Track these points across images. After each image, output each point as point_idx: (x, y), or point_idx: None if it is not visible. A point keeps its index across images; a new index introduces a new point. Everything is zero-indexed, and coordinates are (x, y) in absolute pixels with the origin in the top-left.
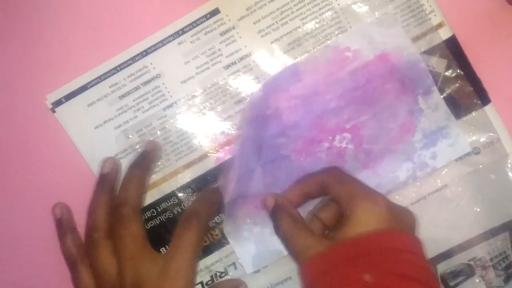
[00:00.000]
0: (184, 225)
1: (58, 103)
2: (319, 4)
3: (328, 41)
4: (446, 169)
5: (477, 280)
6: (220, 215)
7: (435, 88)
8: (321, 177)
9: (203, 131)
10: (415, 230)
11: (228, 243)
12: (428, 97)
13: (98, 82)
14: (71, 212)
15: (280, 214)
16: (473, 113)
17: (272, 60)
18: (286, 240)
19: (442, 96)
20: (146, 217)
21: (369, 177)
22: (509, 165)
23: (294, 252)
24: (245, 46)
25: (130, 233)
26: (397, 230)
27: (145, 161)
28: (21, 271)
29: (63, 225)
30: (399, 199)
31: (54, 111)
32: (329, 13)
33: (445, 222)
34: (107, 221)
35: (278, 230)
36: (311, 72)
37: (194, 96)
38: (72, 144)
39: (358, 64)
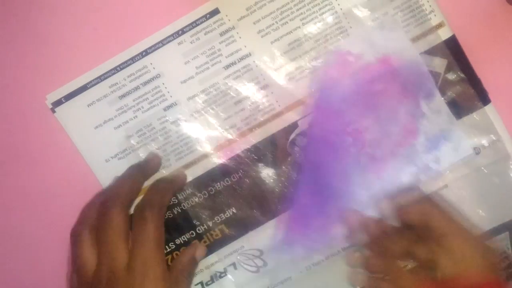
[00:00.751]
0: (138, 219)
1: (58, 103)
2: (319, 4)
3: (330, 46)
4: (447, 170)
5: None
6: (222, 215)
7: (437, 92)
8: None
9: (203, 131)
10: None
11: (228, 243)
12: (430, 101)
13: (98, 82)
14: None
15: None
16: (473, 114)
17: (272, 60)
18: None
19: (442, 97)
20: None
21: (373, 181)
22: (510, 166)
23: None
24: (245, 46)
25: (112, 224)
26: (493, 279)
27: (144, 166)
28: (21, 272)
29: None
30: None
31: (54, 111)
32: (329, 13)
33: None
34: (94, 218)
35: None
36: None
37: (194, 96)
38: (72, 144)
39: (360, 68)
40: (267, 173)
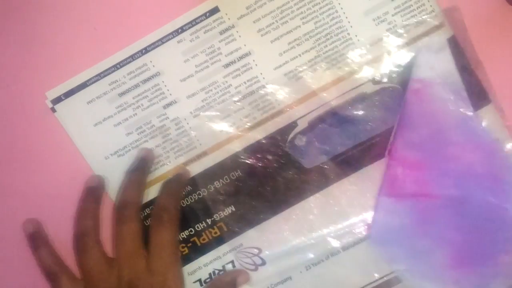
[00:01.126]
0: (156, 224)
1: (57, 100)
2: (319, 3)
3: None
4: None
5: None
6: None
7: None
8: None
9: (202, 129)
10: None
11: (226, 240)
12: (465, 125)
13: (97, 80)
14: (43, 227)
15: None
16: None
17: (272, 59)
18: None
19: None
20: (146, 214)
21: None
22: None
23: None
24: (245, 45)
25: (131, 231)
26: None
27: (142, 165)
28: (22, 272)
29: (37, 239)
30: None
31: (53, 109)
32: (330, 12)
33: None
34: (96, 226)
35: None
36: None
37: (193, 94)
38: (71, 142)
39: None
40: (266, 171)
